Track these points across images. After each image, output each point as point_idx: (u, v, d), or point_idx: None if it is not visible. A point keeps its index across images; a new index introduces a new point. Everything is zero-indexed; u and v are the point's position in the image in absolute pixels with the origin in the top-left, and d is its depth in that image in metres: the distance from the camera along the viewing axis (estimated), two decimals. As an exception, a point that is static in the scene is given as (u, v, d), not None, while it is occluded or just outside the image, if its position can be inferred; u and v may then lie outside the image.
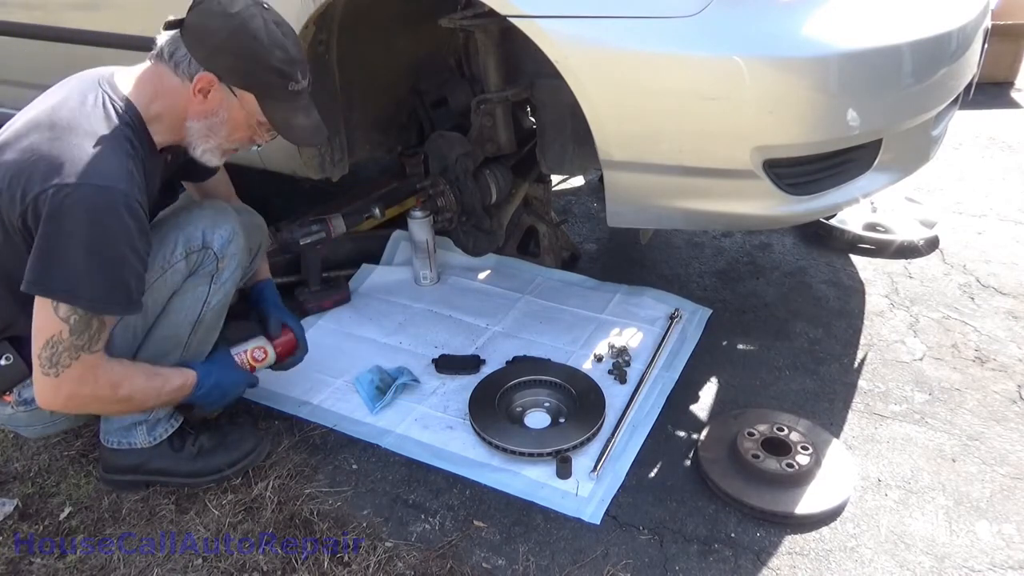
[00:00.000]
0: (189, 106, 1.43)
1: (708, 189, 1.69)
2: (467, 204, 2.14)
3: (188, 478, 1.64)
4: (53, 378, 1.35)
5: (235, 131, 1.49)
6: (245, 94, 1.43)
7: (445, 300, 2.28)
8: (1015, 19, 3.99)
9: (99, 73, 1.47)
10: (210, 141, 1.49)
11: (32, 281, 1.30)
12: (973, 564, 1.43)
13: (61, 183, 1.28)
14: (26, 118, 1.40)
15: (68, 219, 1.28)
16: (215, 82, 1.40)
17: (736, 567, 1.44)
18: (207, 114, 1.44)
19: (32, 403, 1.46)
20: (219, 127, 1.47)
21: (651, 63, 1.57)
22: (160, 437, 1.62)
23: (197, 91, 1.41)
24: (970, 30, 1.75)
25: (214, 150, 1.50)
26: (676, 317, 2.12)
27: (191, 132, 1.47)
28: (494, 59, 1.98)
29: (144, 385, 1.49)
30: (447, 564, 1.45)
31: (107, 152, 1.33)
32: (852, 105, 1.56)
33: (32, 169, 1.30)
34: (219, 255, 1.54)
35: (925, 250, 2.53)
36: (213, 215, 1.57)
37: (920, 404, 1.84)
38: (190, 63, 1.39)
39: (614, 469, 1.64)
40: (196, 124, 1.46)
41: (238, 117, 1.46)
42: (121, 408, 1.52)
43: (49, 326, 1.32)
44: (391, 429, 1.77)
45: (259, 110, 1.45)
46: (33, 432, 1.61)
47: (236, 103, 1.44)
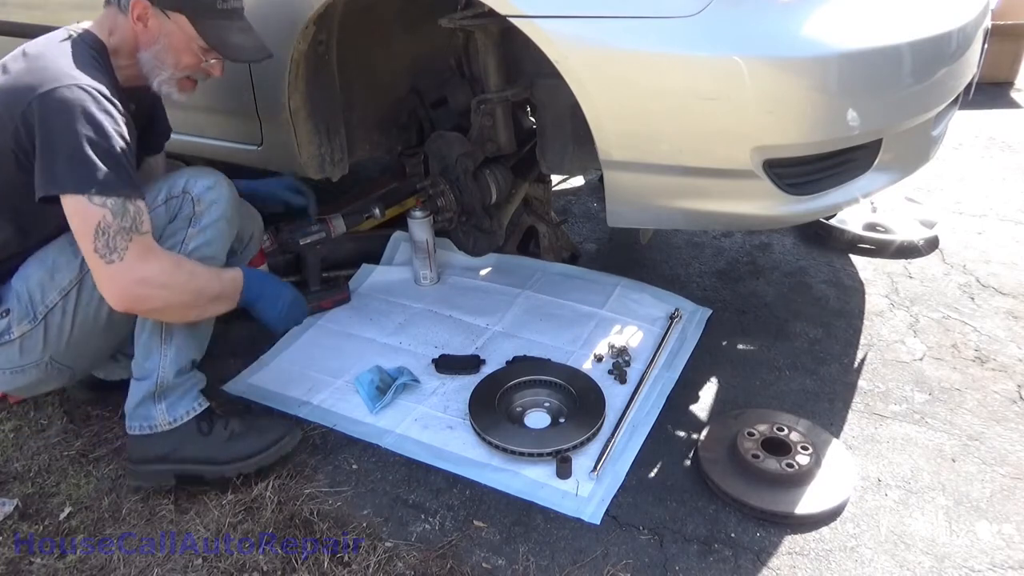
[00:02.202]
0: (136, 38, 1.54)
1: (708, 189, 1.69)
2: (467, 204, 2.14)
3: (221, 465, 1.60)
4: (118, 263, 1.38)
5: (180, 56, 1.55)
6: (178, 16, 1.52)
7: (445, 300, 2.28)
8: (1015, 19, 3.99)
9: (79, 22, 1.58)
10: (161, 71, 1.56)
11: (46, 183, 1.36)
12: (973, 564, 1.43)
13: (42, 91, 1.37)
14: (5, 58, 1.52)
15: (56, 118, 1.36)
16: (148, 8, 1.50)
17: (736, 567, 1.44)
18: (151, 42, 1.54)
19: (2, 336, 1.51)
20: (164, 54, 1.55)
21: (651, 63, 1.57)
22: (182, 418, 1.59)
23: (136, 19, 1.51)
24: (970, 30, 1.75)
25: (169, 81, 1.58)
26: (676, 317, 2.12)
27: (144, 65, 1.56)
28: (494, 59, 1.98)
29: (202, 267, 1.53)
30: (447, 564, 1.45)
31: (77, 63, 1.43)
32: (852, 105, 1.56)
33: (14, 92, 1.40)
34: (196, 199, 1.57)
35: (925, 250, 2.53)
36: (199, 169, 1.64)
37: (920, 404, 1.84)
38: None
39: (614, 469, 1.64)
40: (145, 55, 1.55)
41: (178, 42, 1.54)
42: (186, 296, 1.50)
43: (91, 216, 1.36)
44: (391, 429, 1.77)
45: (196, 33, 1.52)
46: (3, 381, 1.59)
47: (173, 26, 1.52)
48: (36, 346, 1.54)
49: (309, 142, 2.13)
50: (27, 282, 1.52)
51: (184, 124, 2.20)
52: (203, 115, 2.20)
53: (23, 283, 1.52)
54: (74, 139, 1.35)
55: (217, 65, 1.60)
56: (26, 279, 1.52)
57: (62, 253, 1.52)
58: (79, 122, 1.35)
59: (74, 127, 1.35)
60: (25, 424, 1.87)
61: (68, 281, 1.52)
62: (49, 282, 1.52)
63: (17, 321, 1.52)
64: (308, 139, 2.12)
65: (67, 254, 1.51)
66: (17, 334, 1.53)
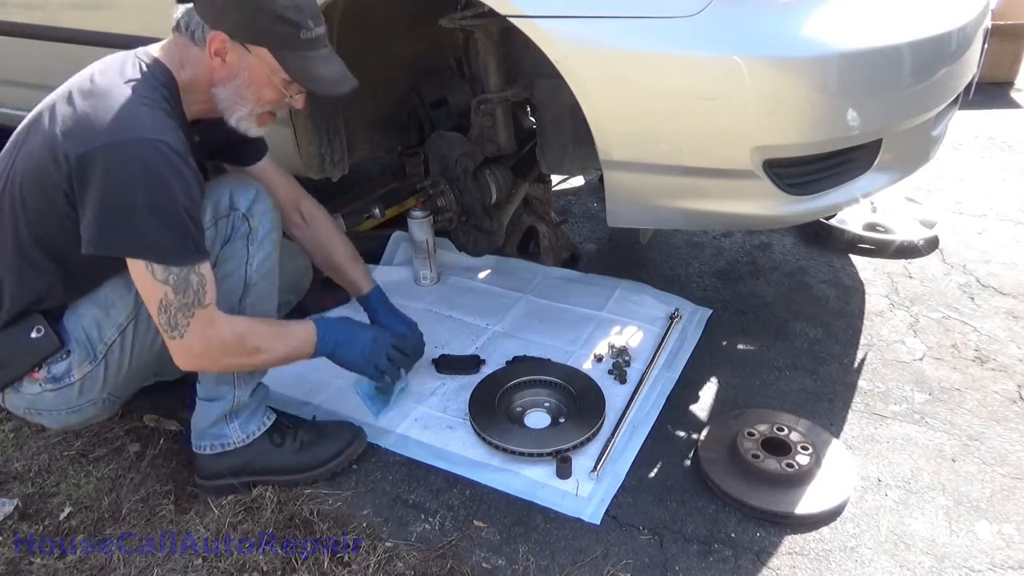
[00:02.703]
0: (212, 73, 1.42)
1: (708, 189, 1.69)
2: (467, 204, 2.14)
3: (296, 473, 1.62)
4: (180, 340, 1.37)
5: (261, 91, 1.45)
6: (259, 49, 1.41)
7: (445, 300, 2.28)
8: (1015, 19, 3.99)
9: (134, 49, 1.47)
10: (240, 107, 1.46)
11: (97, 242, 1.30)
12: (973, 564, 1.43)
13: (108, 140, 1.28)
14: (62, 88, 1.41)
15: (121, 175, 1.28)
16: (227, 41, 1.39)
17: (736, 567, 1.44)
18: (230, 78, 1.43)
19: (60, 380, 1.46)
20: (244, 89, 1.44)
21: (651, 63, 1.57)
22: (255, 433, 1.60)
23: (213, 54, 1.40)
24: (970, 30, 1.75)
25: (248, 116, 1.48)
26: (676, 317, 2.12)
27: (220, 100, 1.46)
28: (494, 59, 1.98)
29: (268, 333, 1.50)
30: (447, 564, 1.45)
31: (147, 109, 1.34)
32: (852, 105, 1.56)
33: (75, 131, 1.31)
34: (248, 215, 1.52)
35: (925, 250, 2.53)
36: (236, 181, 1.56)
37: (920, 404, 1.84)
38: (203, 28, 1.40)
39: (614, 469, 1.64)
40: (222, 91, 1.44)
41: (259, 76, 1.43)
42: (255, 362, 1.52)
43: (154, 291, 1.33)
44: (391, 429, 1.77)
45: (278, 65, 1.41)
46: (57, 420, 1.54)
47: (253, 60, 1.41)
48: (96, 385, 1.50)
49: (309, 142, 2.13)
50: (81, 321, 1.46)
51: (184, 124, 2.20)
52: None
53: (77, 323, 1.46)
54: (138, 200, 1.28)
55: (300, 98, 1.50)
56: (80, 318, 1.46)
57: (115, 289, 1.46)
58: (145, 183, 1.28)
59: (139, 187, 1.28)
60: (25, 424, 1.87)
61: (125, 317, 1.47)
62: (105, 319, 1.46)
63: (78, 363, 1.46)
64: (308, 139, 2.12)
65: (120, 289, 1.45)
66: (78, 376, 1.47)
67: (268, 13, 1.37)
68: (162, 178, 1.29)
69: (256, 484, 1.62)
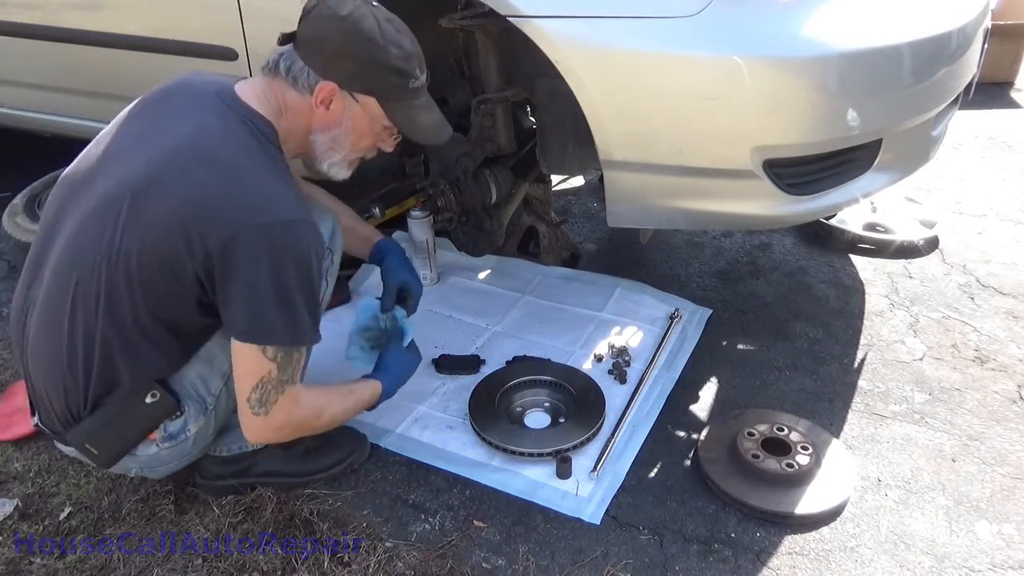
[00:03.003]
0: (312, 119, 1.41)
1: (708, 189, 1.69)
2: (467, 204, 2.14)
3: (296, 477, 1.62)
4: (263, 416, 1.36)
5: (360, 139, 1.46)
6: (367, 98, 1.40)
7: (445, 300, 2.28)
8: (1015, 19, 3.99)
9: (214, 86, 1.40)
10: (336, 154, 1.46)
11: (247, 331, 1.29)
12: (973, 564, 1.43)
13: (253, 223, 1.24)
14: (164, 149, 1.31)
15: (272, 261, 1.25)
16: (336, 90, 1.37)
17: (736, 567, 1.44)
18: (331, 125, 1.42)
19: (176, 437, 1.44)
20: (344, 137, 1.44)
21: (651, 63, 1.57)
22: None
23: (319, 103, 1.38)
24: (970, 30, 1.75)
25: (341, 163, 1.48)
26: (676, 317, 2.12)
27: (316, 146, 1.45)
28: (494, 59, 1.98)
29: (342, 406, 1.52)
30: (447, 564, 1.45)
31: (278, 183, 1.31)
32: (852, 105, 1.56)
33: (212, 212, 1.25)
34: (332, 248, 1.54)
35: (925, 250, 2.53)
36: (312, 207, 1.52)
37: (920, 404, 1.84)
38: (308, 75, 1.37)
39: (614, 469, 1.64)
40: (321, 137, 1.43)
41: (362, 124, 1.43)
42: (321, 428, 1.53)
43: (258, 369, 1.31)
44: (391, 429, 1.77)
45: (382, 113, 1.41)
46: (167, 471, 1.53)
47: (359, 109, 1.41)
48: (206, 433, 1.50)
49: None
50: (187, 377, 1.43)
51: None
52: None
53: (182, 380, 1.43)
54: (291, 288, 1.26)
55: (394, 143, 1.50)
56: (184, 375, 1.43)
57: (213, 341, 1.43)
58: (296, 270, 1.26)
59: (290, 275, 1.26)
60: (25, 424, 1.87)
61: (228, 364, 1.41)
62: (209, 371, 1.44)
63: (193, 419, 1.45)
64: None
65: (219, 338, 1.42)
66: (193, 431, 1.46)
67: (382, 64, 1.36)
68: (307, 263, 1.28)
69: (256, 486, 1.62)
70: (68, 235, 1.36)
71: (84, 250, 1.32)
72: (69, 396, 1.37)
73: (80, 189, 1.38)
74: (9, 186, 2.70)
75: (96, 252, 1.30)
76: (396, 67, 1.37)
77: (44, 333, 1.38)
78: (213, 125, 1.33)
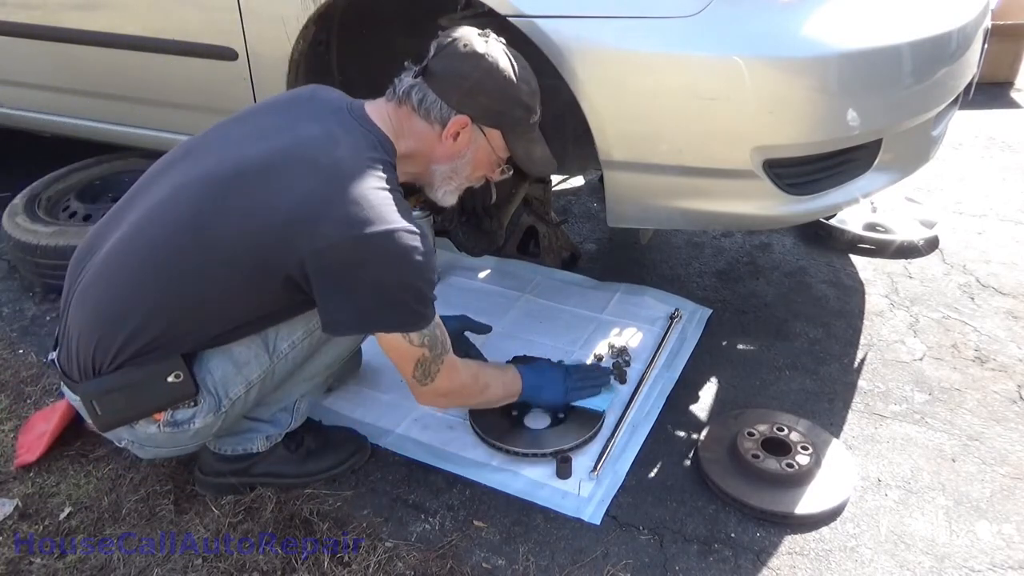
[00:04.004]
0: (436, 149, 1.46)
1: (708, 189, 1.69)
2: (467, 204, 2.14)
3: (294, 478, 1.63)
4: (430, 384, 1.47)
5: (476, 169, 1.52)
6: (493, 132, 1.47)
7: (445, 300, 2.25)
8: (1015, 19, 3.99)
9: (344, 100, 1.47)
10: (452, 182, 1.53)
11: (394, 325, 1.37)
12: (973, 564, 1.43)
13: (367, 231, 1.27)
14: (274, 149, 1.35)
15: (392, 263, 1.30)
16: (468, 124, 1.43)
17: (736, 567, 1.44)
18: (454, 156, 1.48)
19: (180, 425, 1.44)
20: (463, 167, 1.51)
21: (651, 63, 1.57)
22: (276, 438, 1.60)
23: (449, 135, 1.43)
24: (970, 30, 1.75)
25: (454, 191, 1.55)
26: (676, 317, 2.12)
27: (435, 175, 1.51)
28: (494, 59, 1.98)
29: (493, 374, 1.64)
30: (447, 564, 1.45)
31: (395, 194, 1.36)
32: (852, 105, 1.56)
33: (319, 216, 1.28)
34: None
35: (925, 250, 2.53)
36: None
37: (920, 404, 1.84)
38: (441, 108, 1.41)
39: (614, 469, 1.64)
40: (442, 167, 1.50)
41: (482, 156, 1.50)
42: (480, 399, 1.63)
43: (412, 355, 1.41)
44: (391, 429, 1.77)
45: (503, 145, 1.49)
46: (153, 453, 1.54)
47: (484, 142, 1.48)
48: (208, 431, 1.48)
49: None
50: (212, 374, 1.42)
51: (183, 124, 2.20)
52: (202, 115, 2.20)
53: (207, 375, 1.42)
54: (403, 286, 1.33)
55: (500, 174, 1.57)
56: (210, 371, 1.42)
57: (250, 349, 1.43)
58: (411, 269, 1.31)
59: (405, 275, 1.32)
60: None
61: (257, 376, 1.45)
62: (236, 376, 1.44)
63: (203, 413, 1.44)
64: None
65: (256, 349, 1.44)
66: (199, 424, 1.44)
67: (515, 100, 1.44)
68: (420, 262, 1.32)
69: (255, 486, 1.62)
70: (161, 196, 1.39)
71: (172, 216, 1.36)
72: (99, 348, 1.37)
73: (190, 159, 1.43)
74: (9, 186, 2.70)
75: (184, 222, 1.34)
76: (526, 103, 1.46)
77: (101, 281, 1.39)
78: (335, 135, 1.38)
